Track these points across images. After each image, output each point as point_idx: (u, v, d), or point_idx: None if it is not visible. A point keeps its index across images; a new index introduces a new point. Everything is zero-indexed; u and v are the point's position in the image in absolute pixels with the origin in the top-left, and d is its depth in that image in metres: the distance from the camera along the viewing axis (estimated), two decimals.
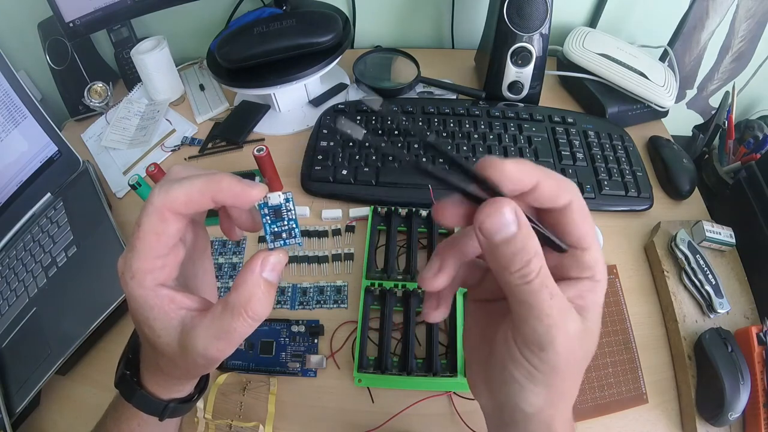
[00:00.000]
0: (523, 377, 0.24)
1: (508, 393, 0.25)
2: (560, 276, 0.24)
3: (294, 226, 0.26)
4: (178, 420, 0.35)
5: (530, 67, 0.64)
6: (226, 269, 0.55)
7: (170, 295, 0.24)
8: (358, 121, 0.64)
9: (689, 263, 0.50)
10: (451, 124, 0.63)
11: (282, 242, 0.26)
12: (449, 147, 0.61)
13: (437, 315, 0.27)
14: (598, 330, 0.25)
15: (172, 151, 0.68)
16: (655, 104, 0.66)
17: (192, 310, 0.25)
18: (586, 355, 0.25)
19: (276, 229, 0.26)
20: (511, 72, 0.65)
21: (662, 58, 0.77)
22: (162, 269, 0.24)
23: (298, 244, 0.27)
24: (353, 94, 0.72)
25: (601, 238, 0.52)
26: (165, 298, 0.24)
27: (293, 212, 0.26)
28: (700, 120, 0.93)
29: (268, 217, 0.26)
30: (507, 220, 0.21)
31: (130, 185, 0.53)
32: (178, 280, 0.27)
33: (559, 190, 0.22)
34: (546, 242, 0.23)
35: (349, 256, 0.55)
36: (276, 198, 0.26)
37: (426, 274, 0.25)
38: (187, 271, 0.28)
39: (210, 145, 0.68)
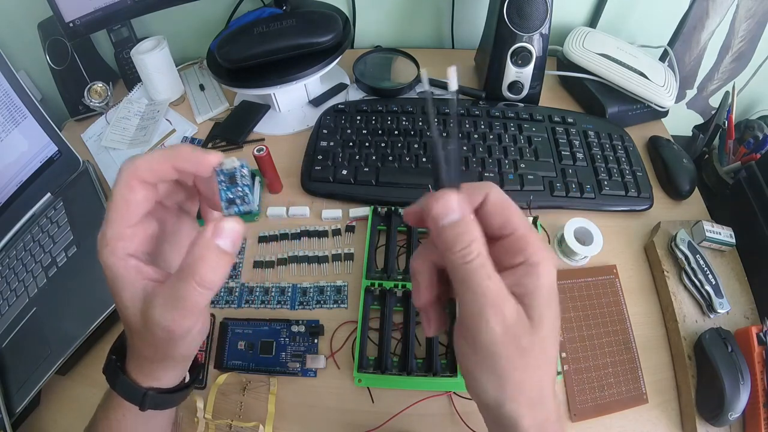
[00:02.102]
0: (472, 367, 0.25)
1: (471, 388, 0.26)
2: (498, 267, 0.25)
3: (248, 191, 0.26)
4: (169, 416, 0.34)
5: (530, 67, 0.64)
6: None
7: (138, 266, 0.25)
8: (358, 121, 0.64)
9: (689, 263, 0.50)
10: (451, 124, 0.63)
11: (236, 208, 0.26)
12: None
13: (431, 330, 0.29)
14: (552, 316, 0.25)
15: None
16: (655, 104, 0.66)
17: (157, 282, 0.26)
18: (537, 343, 0.25)
19: (230, 196, 0.26)
20: (511, 72, 0.65)
21: (662, 58, 0.77)
22: (132, 239, 0.26)
23: (252, 210, 0.27)
24: (353, 94, 0.72)
25: (601, 238, 0.52)
26: (132, 268, 0.25)
27: (247, 178, 0.27)
28: (700, 120, 0.93)
29: (223, 184, 0.26)
30: (452, 206, 0.24)
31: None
32: (151, 257, 0.28)
33: (474, 190, 0.25)
34: None
35: (349, 256, 0.55)
36: (230, 163, 0.26)
37: (413, 295, 0.28)
38: (164, 253, 0.29)
39: (210, 145, 0.68)
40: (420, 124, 0.64)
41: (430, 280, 0.28)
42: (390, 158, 0.60)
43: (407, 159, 0.60)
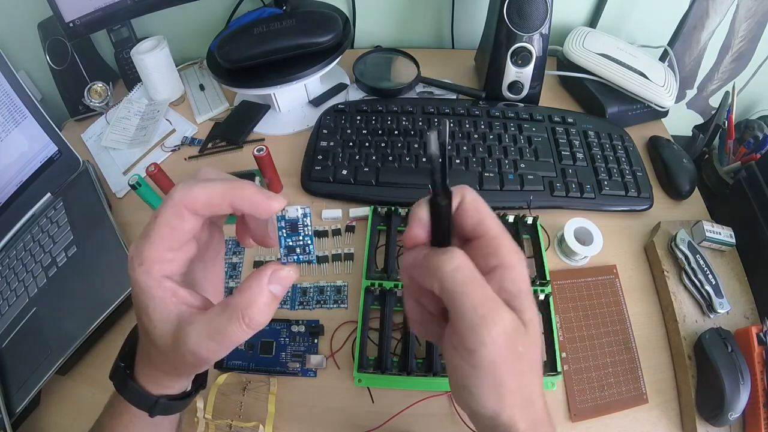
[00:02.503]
0: (469, 382, 0.24)
1: (465, 402, 0.26)
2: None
3: (309, 242, 0.26)
4: (174, 420, 0.35)
5: (530, 67, 0.64)
6: (226, 269, 0.55)
7: (173, 289, 0.25)
8: (358, 121, 0.64)
9: (689, 263, 0.50)
10: (451, 124, 0.63)
11: (295, 257, 0.26)
12: (450, 147, 0.61)
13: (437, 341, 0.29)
14: (535, 318, 0.25)
15: (172, 151, 0.68)
16: (655, 104, 0.66)
17: (192, 307, 0.25)
18: (529, 347, 0.25)
19: (290, 243, 0.26)
20: (511, 72, 0.65)
21: (662, 58, 0.77)
22: (171, 262, 0.25)
23: (311, 261, 0.26)
24: (353, 94, 0.72)
25: (601, 238, 0.52)
26: (168, 290, 0.25)
27: (309, 228, 0.26)
28: (700, 120, 0.93)
29: (283, 230, 0.26)
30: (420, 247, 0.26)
31: (130, 185, 0.53)
32: (185, 276, 0.27)
33: (460, 193, 0.26)
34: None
35: (349, 256, 0.55)
36: (294, 212, 0.26)
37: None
38: (196, 271, 0.29)
39: (210, 145, 0.68)
40: (420, 124, 0.64)
41: (414, 299, 0.28)
42: (390, 158, 0.60)
43: (407, 159, 0.60)
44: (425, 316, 0.28)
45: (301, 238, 0.26)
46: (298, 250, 0.26)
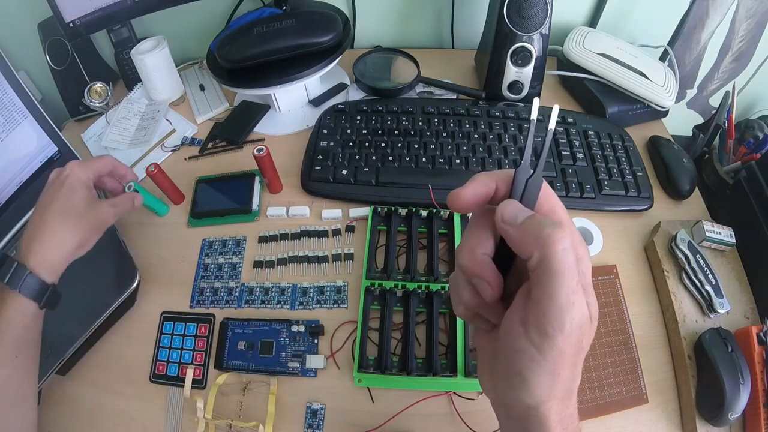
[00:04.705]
0: (528, 368, 0.23)
1: (509, 389, 0.25)
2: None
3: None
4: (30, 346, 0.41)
5: (530, 67, 0.64)
6: (226, 269, 0.55)
7: (92, 188, 0.48)
8: (358, 121, 0.64)
9: (689, 263, 0.50)
10: (451, 124, 0.63)
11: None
12: (449, 147, 0.61)
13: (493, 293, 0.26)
14: (597, 312, 0.25)
15: (172, 151, 0.68)
16: (655, 104, 0.66)
17: (97, 198, 0.49)
18: (589, 342, 0.24)
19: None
20: (511, 72, 0.65)
21: (662, 58, 0.77)
22: (92, 179, 0.48)
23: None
24: (353, 94, 0.72)
25: (601, 238, 0.52)
26: (91, 186, 0.48)
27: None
28: (700, 120, 0.93)
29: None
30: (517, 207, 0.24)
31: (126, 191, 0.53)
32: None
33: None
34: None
35: (349, 256, 0.55)
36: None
37: (472, 298, 0.27)
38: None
39: (210, 145, 0.68)
40: (420, 124, 0.64)
41: (495, 273, 0.26)
42: (390, 158, 0.60)
43: (407, 159, 0.60)
44: (476, 294, 0.27)
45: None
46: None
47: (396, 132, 0.63)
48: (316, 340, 0.49)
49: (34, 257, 0.41)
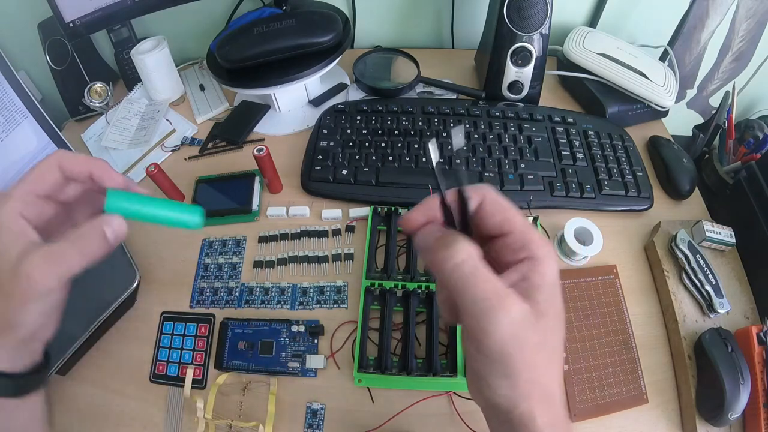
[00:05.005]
0: (482, 370, 0.25)
1: (479, 392, 0.26)
2: (502, 265, 0.26)
3: None
4: (35, 413, 0.34)
5: (530, 67, 0.64)
6: (226, 269, 0.55)
7: (25, 226, 0.28)
8: (358, 121, 0.64)
9: (689, 263, 0.50)
10: (451, 124, 0.63)
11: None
12: (449, 147, 0.61)
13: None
14: (557, 310, 0.26)
15: (172, 151, 0.68)
16: (655, 104, 0.66)
17: (35, 245, 0.28)
18: (546, 338, 0.25)
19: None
20: (511, 72, 0.65)
21: (662, 58, 0.77)
22: (31, 206, 0.29)
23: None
24: (353, 94, 0.72)
25: (601, 238, 0.52)
26: (21, 225, 0.28)
27: None
28: (700, 120, 0.93)
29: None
30: (431, 229, 0.26)
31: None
32: (42, 234, 0.30)
33: (471, 193, 0.26)
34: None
35: (349, 256, 0.55)
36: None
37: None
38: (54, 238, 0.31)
39: (210, 145, 0.68)
40: (420, 124, 0.64)
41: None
42: (390, 158, 0.60)
43: (407, 159, 0.60)
44: (451, 301, 0.28)
45: None
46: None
47: (396, 132, 0.63)
48: (316, 340, 0.49)
49: None
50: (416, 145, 0.61)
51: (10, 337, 0.30)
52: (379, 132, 0.63)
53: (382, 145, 0.61)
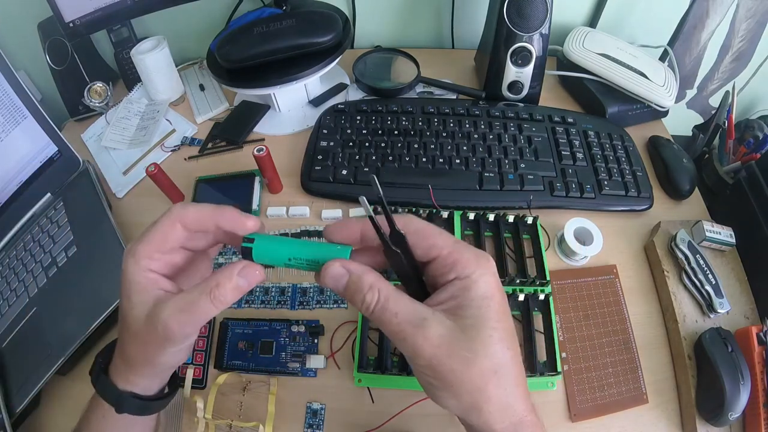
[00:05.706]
0: (427, 387, 0.27)
1: (437, 402, 0.28)
2: (436, 285, 0.28)
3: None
4: (148, 425, 0.36)
5: (530, 67, 0.64)
6: None
7: (155, 278, 0.29)
8: (358, 121, 0.64)
9: (689, 263, 0.50)
10: (451, 124, 0.63)
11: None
12: (449, 147, 0.61)
13: None
14: (494, 322, 0.26)
15: (172, 151, 0.68)
16: (655, 104, 0.66)
17: (168, 292, 0.29)
18: (486, 350, 0.25)
19: None
20: (511, 72, 0.65)
21: (662, 58, 0.77)
22: (157, 261, 0.29)
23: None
24: (353, 94, 0.72)
25: (601, 238, 0.52)
26: (151, 278, 0.28)
27: None
28: (700, 120, 0.93)
29: None
30: (338, 272, 0.27)
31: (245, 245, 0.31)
32: (176, 274, 0.31)
33: (402, 225, 0.28)
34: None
35: None
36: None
37: None
38: (179, 284, 0.31)
39: (210, 145, 0.68)
40: (420, 124, 0.64)
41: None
42: (390, 158, 0.60)
43: (407, 159, 0.60)
44: None
45: None
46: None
47: (396, 132, 0.63)
48: (316, 340, 0.49)
49: (113, 368, 0.32)
50: (416, 145, 0.61)
51: (147, 370, 0.32)
52: (379, 132, 0.63)
53: (382, 145, 0.61)
